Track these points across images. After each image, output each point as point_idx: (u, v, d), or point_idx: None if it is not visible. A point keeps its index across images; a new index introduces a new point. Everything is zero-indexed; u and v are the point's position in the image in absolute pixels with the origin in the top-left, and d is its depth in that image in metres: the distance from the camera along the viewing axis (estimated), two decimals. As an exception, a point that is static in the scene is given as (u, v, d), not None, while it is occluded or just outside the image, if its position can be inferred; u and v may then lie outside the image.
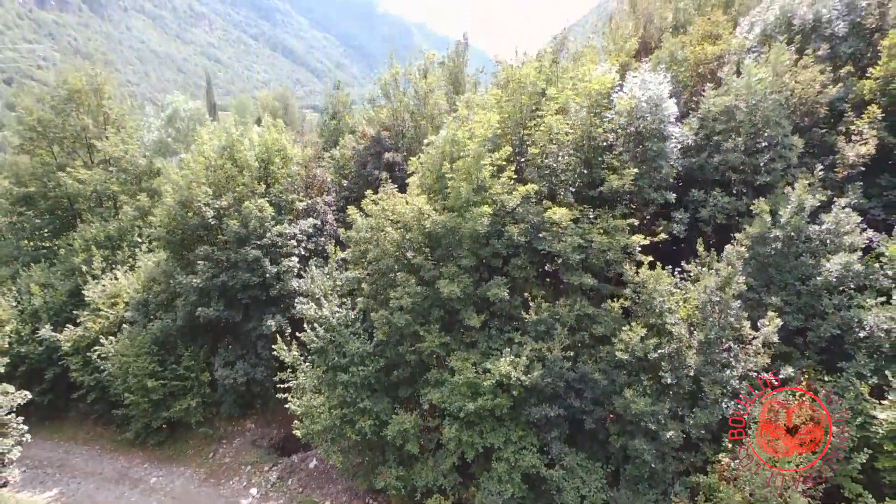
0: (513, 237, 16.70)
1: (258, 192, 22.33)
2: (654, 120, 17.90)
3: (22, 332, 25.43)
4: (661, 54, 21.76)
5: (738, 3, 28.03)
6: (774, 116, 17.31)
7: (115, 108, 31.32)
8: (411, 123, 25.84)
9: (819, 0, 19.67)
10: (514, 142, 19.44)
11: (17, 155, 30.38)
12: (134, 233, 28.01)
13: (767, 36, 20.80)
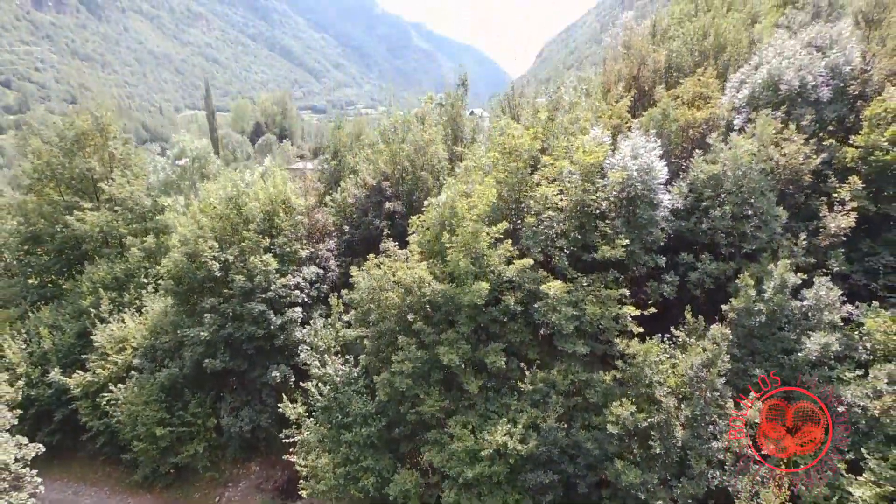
0: (509, 306, 17.45)
1: (263, 245, 23.04)
2: (644, 188, 18.67)
3: (32, 375, 26.08)
4: (653, 113, 22.45)
5: (730, 49, 28.84)
6: (760, 187, 18.07)
7: (121, 148, 31.94)
8: (411, 170, 26.52)
9: (805, 67, 20.41)
10: (510, 205, 20.17)
11: (26, 194, 31.04)
12: (140, 274, 28.69)
13: (755, 97, 21.54)
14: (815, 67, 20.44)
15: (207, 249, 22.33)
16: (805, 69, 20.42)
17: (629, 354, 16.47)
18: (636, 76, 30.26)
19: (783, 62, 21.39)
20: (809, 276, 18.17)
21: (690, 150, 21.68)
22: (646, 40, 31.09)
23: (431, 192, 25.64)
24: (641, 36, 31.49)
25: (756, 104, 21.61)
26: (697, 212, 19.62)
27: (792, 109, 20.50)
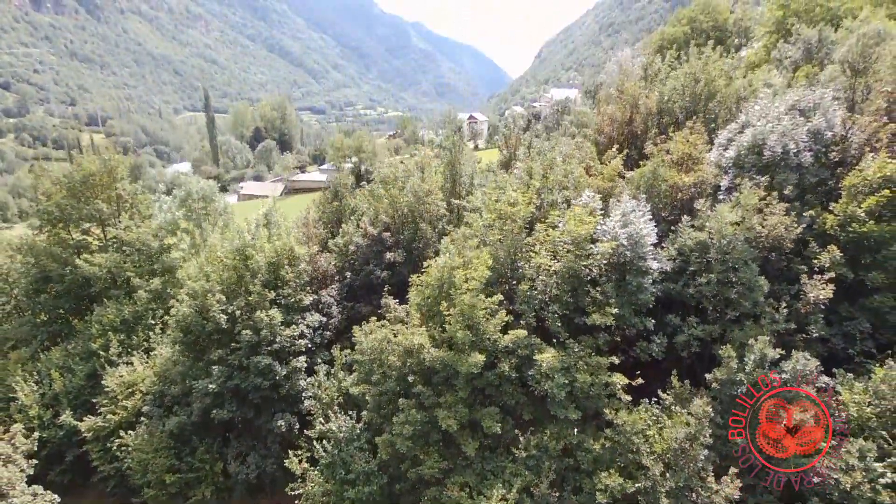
0: (504, 372, 18.37)
1: (269, 298, 23.92)
2: (634, 255, 19.60)
3: (44, 417, 26.98)
4: (644, 171, 23.32)
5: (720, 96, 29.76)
6: (744, 257, 19.00)
7: (128, 188, 32.81)
8: (411, 218, 27.39)
9: (787, 133, 21.32)
10: (506, 266, 21.07)
11: (36, 234, 31.90)
12: (148, 316, 29.56)
13: (741, 159, 22.45)
14: (797, 133, 21.36)
15: (215, 304, 23.22)
16: (788, 135, 21.34)
17: (618, 423, 17.39)
18: (630, 119, 31.20)
19: (767, 125, 22.32)
20: (791, 339, 19.14)
21: (679, 212, 22.62)
22: (638, 85, 31.93)
23: (431, 243, 26.55)
24: (634, 80, 32.33)
25: (741, 164, 22.54)
26: (685, 275, 20.53)
27: (776, 174, 21.42)
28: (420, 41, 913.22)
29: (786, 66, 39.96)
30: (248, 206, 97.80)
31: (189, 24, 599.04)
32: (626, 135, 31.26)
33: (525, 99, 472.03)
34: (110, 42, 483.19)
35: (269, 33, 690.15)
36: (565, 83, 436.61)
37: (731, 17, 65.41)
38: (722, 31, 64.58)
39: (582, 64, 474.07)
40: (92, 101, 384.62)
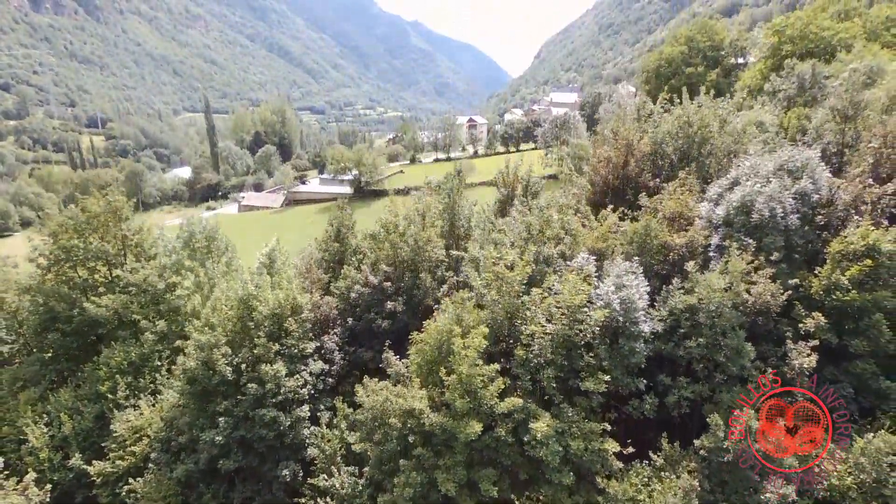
0: (501, 436, 19.12)
1: (273, 350, 24.64)
2: (626, 320, 20.35)
3: (54, 459, 27.74)
4: (637, 228, 23.98)
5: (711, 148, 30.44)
6: (732, 324, 19.75)
7: (133, 227, 33.51)
8: (411, 265, 28.09)
9: (775, 197, 22.02)
10: (503, 326, 21.79)
11: (44, 274, 32.60)
12: (154, 358, 30.29)
13: (730, 219, 23.15)
14: (784, 197, 22.06)
15: (221, 358, 23.94)
16: (775, 199, 22.03)
17: (609, 492, 18.15)
18: (625, 163, 31.89)
19: (756, 185, 23.02)
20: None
21: (671, 268, 23.35)
22: (632, 127, 32.57)
23: (430, 291, 27.26)
24: (629, 122, 32.97)
25: (731, 223, 23.26)
26: (676, 336, 21.26)
27: (763, 236, 22.14)
28: (419, 40, 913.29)
29: (779, 100, 40.67)
30: (250, 217, 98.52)
31: (188, 24, 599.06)
32: (622, 177, 31.96)
33: (525, 100, 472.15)
34: (109, 43, 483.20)
35: (268, 33, 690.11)
36: (565, 84, 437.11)
37: (728, 37, 66.08)
38: (718, 50, 65.25)
39: (581, 64, 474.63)
40: (91, 103, 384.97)
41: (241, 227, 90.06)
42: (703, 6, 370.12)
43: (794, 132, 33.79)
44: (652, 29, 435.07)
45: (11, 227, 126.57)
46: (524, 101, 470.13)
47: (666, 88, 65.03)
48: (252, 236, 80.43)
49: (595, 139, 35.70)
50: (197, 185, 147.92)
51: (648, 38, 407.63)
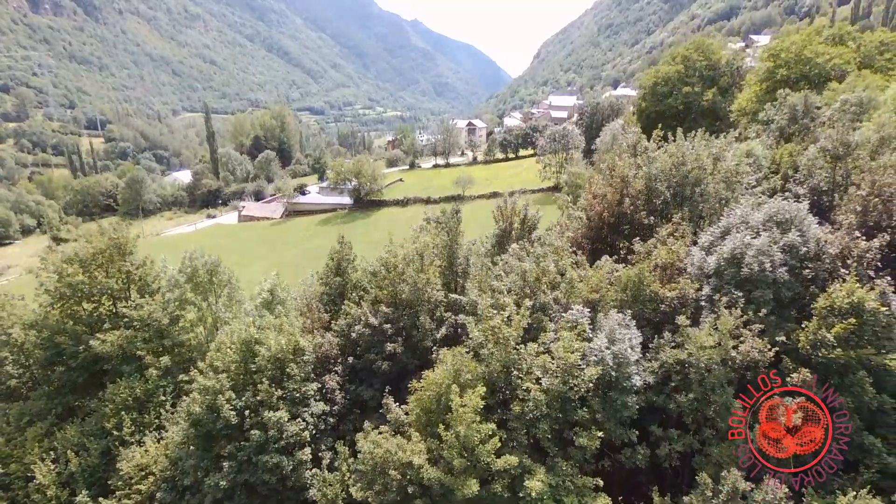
0: (496, 493, 19.77)
1: (276, 395, 25.26)
2: (619, 374, 21.00)
3: (61, 497, 28.36)
4: (630, 275, 24.57)
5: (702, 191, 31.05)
6: (720, 381, 20.40)
7: (136, 260, 34.11)
8: (410, 303, 28.71)
9: (764, 252, 22.63)
10: (500, 379, 22.42)
11: (49, 310, 33.19)
12: (159, 393, 30.90)
13: (721, 271, 23.77)
14: (773, 251, 22.67)
15: (225, 403, 24.57)
16: (764, 253, 22.65)
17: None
18: (620, 200, 32.50)
19: (746, 236, 23.65)
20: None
21: (664, 318, 23.98)
22: (628, 164, 33.17)
23: (429, 332, 27.87)
24: (625, 160, 33.54)
25: (721, 274, 23.88)
26: (667, 388, 21.90)
27: (753, 289, 22.77)
28: (418, 40, 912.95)
29: (772, 130, 41.26)
30: (250, 228, 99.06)
31: (187, 23, 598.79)
32: (617, 214, 32.58)
33: (524, 101, 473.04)
34: (108, 43, 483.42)
35: (267, 33, 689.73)
36: (564, 85, 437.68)
37: (724, 56, 66.65)
38: (715, 70, 65.83)
39: (581, 65, 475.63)
40: (91, 104, 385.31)
41: (242, 239, 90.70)
42: (702, 8, 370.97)
43: (787, 168, 34.40)
44: (651, 30, 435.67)
45: (12, 235, 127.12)
46: (523, 102, 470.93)
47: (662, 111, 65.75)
48: (252, 249, 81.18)
49: (591, 175, 36.29)
50: (197, 191, 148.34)
51: (648, 39, 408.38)
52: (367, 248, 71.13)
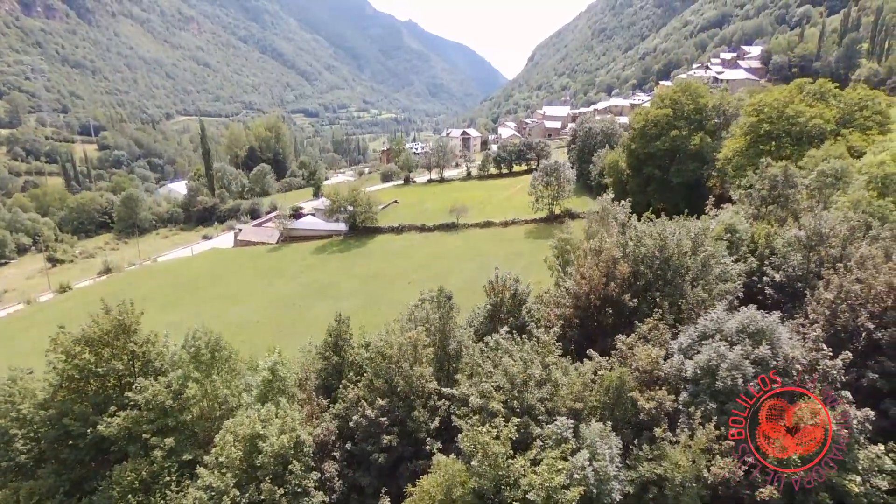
0: None
1: (278, 494, 26.66)
2: (599, 490, 22.54)
3: (71, 580, 29.71)
4: (612, 379, 26.08)
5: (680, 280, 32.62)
6: (693, 500, 21.96)
7: (143, 338, 35.34)
8: (404, 398, 30.17)
9: (736, 367, 24.17)
10: (490, 492, 23.91)
11: (56, 391, 34.40)
12: (164, 474, 32.19)
13: (697, 380, 25.33)
14: (745, 366, 24.23)
15: (230, 502, 25.97)
16: (736, 368, 24.20)
17: None
18: (605, 283, 34.06)
19: (721, 346, 25.21)
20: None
21: (643, 422, 25.54)
22: (613, 245, 34.73)
23: (423, 424, 29.32)
24: (611, 242, 35.10)
25: (697, 382, 25.45)
26: (644, 498, 23.46)
27: (726, 401, 24.33)
28: (413, 41, 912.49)
29: (754, 199, 42.88)
30: (246, 255, 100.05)
31: (181, 26, 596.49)
32: (603, 297, 34.13)
33: (518, 105, 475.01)
34: (102, 46, 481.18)
35: (261, 34, 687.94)
36: (558, 90, 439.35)
37: (712, 100, 68.31)
38: (702, 114, 67.50)
39: (575, 70, 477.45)
40: (84, 109, 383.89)
41: (238, 267, 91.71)
42: (695, 14, 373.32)
43: (763, 249, 36.03)
44: (645, 35, 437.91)
45: (8, 256, 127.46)
46: (517, 106, 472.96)
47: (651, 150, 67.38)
48: (249, 282, 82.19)
49: (577, 255, 37.81)
50: (193, 208, 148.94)
51: (641, 44, 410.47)
52: (360, 284, 72.99)
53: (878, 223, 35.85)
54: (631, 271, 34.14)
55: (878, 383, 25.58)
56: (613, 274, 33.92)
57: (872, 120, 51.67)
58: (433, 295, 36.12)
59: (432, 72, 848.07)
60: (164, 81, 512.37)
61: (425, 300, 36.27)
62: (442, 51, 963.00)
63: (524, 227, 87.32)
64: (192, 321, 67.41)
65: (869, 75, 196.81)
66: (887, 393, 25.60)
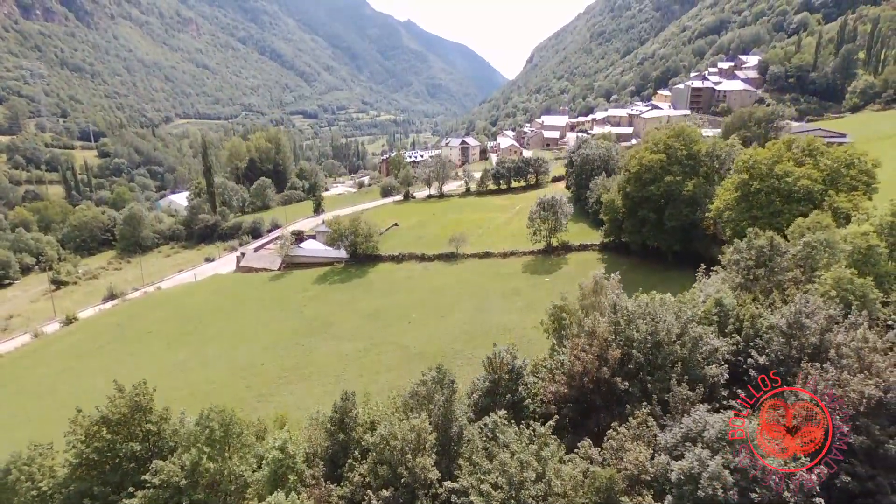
0: None
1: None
2: None
3: None
4: (603, 477, 27.88)
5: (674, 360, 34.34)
6: None
7: (158, 415, 37.08)
8: (406, 487, 31.96)
9: (715, 477, 25.95)
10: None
11: (75, 470, 36.10)
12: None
13: (681, 482, 27.12)
14: (724, 476, 25.99)
15: None
16: (716, 480, 25.99)
17: None
18: (598, 367, 35.85)
19: (703, 452, 26.99)
20: None
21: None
22: (606, 330, 36.52)
23: (424, 513, 31.10)
24: (604, 325, 36.87)
25: (681, 487, 27.25)
26: None
27: (709, 506, 26.13)
28: (411, 41, 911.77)
29: (741, 268, 44.62)
30: (248, 283, 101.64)
31: (180, 27, 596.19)
32: (596, 381, 35.93)
33: (517, 108, 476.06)
34: (101, 49, 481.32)
35: (260, 35, 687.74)
36: (557, 93, 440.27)
37: (704, 146, 70.00)
38: (696, 159, 69.21)
39: (573, 73, 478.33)
40: (83, 113, 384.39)
41: (241, 299, 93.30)
42: (692, 20, 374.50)
43: (748, 330, 37.79)
44: (644, 39, 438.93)
45: (12, 276, 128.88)
46: (516, 109, 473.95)
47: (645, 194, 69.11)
48: (252, 315, 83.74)
49: (572, 334, 39.52)
50: (195, 226, 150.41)
51: (640, 49, 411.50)
52: (362, 322, 74.68)
53: (858, 303, 37.48)
54: (623, 354, 35.94)
55: (850, 485, 27.31)
56: (606, 357, 35.71)
57: (858, 180, 53.32)
58: (434, 374, 37.81)
59: (431, 72, 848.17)
60: (162, 84, 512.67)
61: (427, 381, 37.95)
62: (441, 51, 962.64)
63: (522, 259, 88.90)
64: (197, 361, 69.63)
65: (865, 88, 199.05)
66: (858, 494, 27.39)
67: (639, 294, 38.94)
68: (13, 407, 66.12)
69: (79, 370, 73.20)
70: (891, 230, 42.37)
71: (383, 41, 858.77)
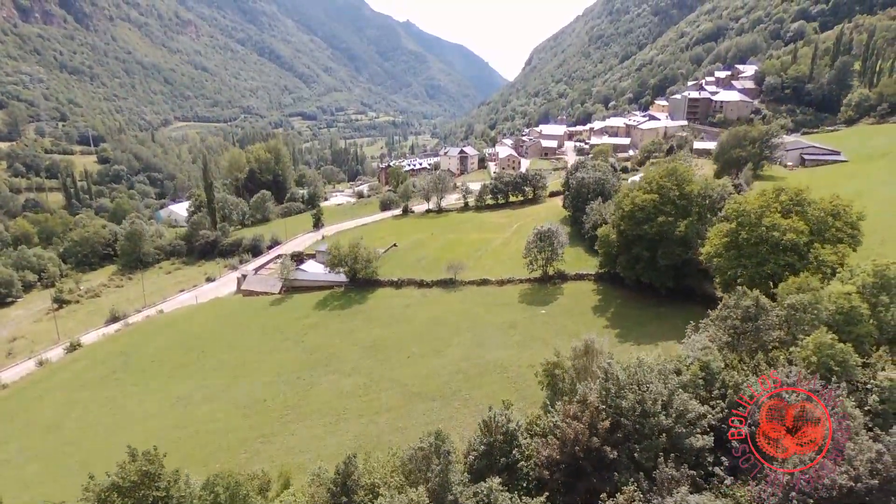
0: None
1: None
2: None
3: None
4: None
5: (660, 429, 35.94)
6: None
7: (167, 479, 38.66)
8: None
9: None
10: None
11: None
12: None
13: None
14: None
15: None
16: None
17: None
18: (589, 436, 37.49)
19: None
20: None
21: None
22: (597, 399, 38.17)
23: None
24: (595, 392, 38.52)
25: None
26: None
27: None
28: (410, 42, 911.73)
29: (728, 326, 46.25)
30: (249, 308, 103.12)
31: (179, 29, 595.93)
32: (586, 450, 37.57)
33: (515, 111, 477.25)
34: (99, 51, 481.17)
35: (259, 37, 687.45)
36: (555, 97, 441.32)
37: (696, 187, 71.52)
38: (688, 199, 70.81)
39: (572, 77, 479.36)
40: (82, 117, 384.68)
41: (242, 326, 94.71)
42: (690, 26, 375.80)
43: (732, 397, 39.44)
44: (642, 43, 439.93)
45: (14, 295, 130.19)
46: (515, 113, 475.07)
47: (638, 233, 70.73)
48: (254, 345, 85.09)
49: (565, 406, 41.11)
50: (195, 242, 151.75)
51: (638, 54, 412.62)
52: (362, 356, 76.21)
53: (839, 369, 39.04)
54: (612, 423, 37.58)
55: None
56: (596, 426, 37.35)
57: (844, 232, 54.92)
58: (432, 440, 39.39)
59: (430, 73, 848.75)
60: (161, 87, 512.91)
61: (424, 446, 39.54)
62: (440, 52, 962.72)
63: (519, 287, 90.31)
64: (201, 395, 71.20)
65: (860, 100, 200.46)
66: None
67: (627, 365, 40.61)
68: (21, 441, 67.60)
69: (85, 402, 74.66)
70: (872, 290, 43.98)
71: (382, 42, 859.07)
